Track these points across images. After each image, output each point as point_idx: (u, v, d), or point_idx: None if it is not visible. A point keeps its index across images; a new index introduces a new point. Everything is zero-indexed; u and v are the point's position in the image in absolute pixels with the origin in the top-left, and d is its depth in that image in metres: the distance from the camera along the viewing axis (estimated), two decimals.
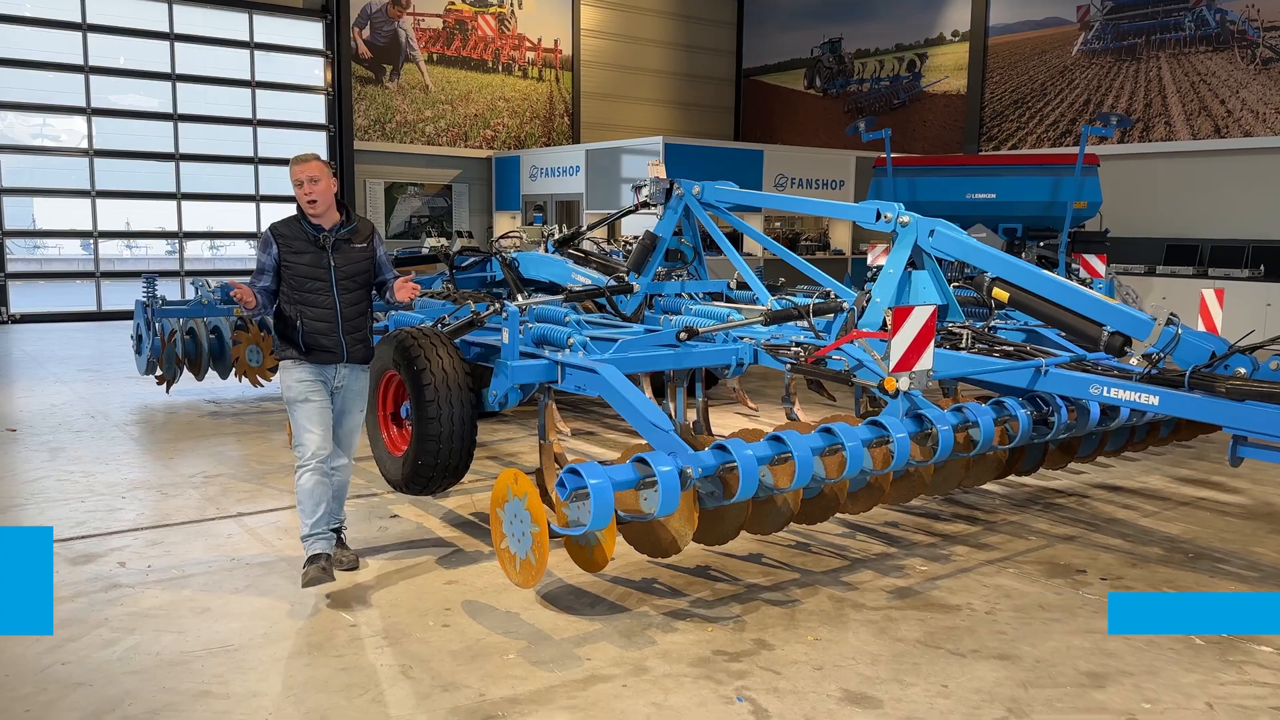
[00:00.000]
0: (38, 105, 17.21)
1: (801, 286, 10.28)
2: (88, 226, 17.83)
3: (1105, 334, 5.42)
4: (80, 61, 17.25)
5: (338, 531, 5.14)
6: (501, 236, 11.06)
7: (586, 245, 10.29)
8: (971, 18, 19.90)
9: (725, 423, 8.75)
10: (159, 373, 9.37)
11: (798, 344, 6.12)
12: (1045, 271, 5.87)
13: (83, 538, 5.58)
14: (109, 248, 19.06)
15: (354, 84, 19.68)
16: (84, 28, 17.20)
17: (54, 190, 17.92)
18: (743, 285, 9.18)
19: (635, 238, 13.67)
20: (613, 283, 8.05)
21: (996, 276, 6.09)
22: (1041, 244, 12.90)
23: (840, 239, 19.32)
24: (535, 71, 22.12)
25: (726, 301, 8.82)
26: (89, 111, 17.43)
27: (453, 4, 20.85)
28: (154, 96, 18.23)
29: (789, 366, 5.80)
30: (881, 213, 6.56)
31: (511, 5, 21.67)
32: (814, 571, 5.15)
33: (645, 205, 8.52)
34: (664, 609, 4.63)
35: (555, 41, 22.32)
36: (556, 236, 9.82)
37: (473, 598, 4.76)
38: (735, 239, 13.05)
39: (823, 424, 5.01)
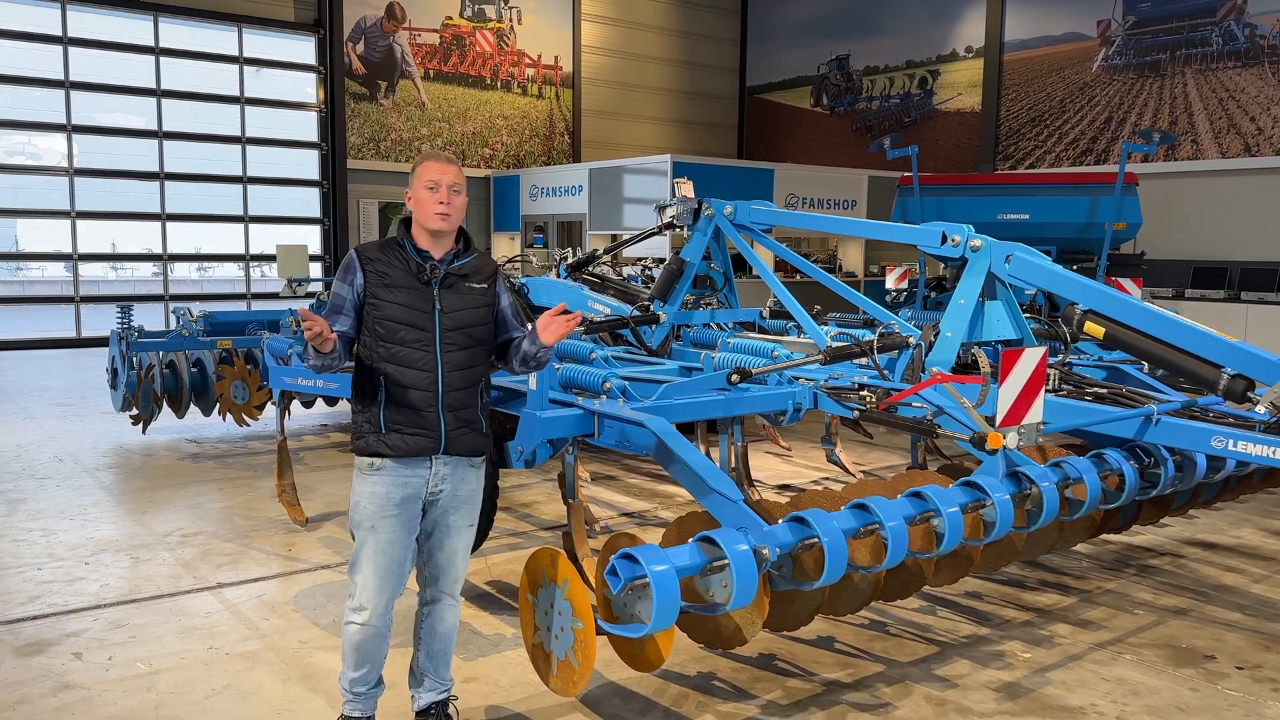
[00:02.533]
0: (14, 122, 16.40)
1: (835, 315, 9.54)
2: (68, 249, 16.99)
3: (1225, 377, 4.67)
4: (60, 76, 16.47)
5: (444, 706, 3.68)
6: (507, 261, 10.29)
7: (602, 269, 9.53)
8: (986, 33, 19.28)
9: (756, 463, 7.97)
10: (134, 412, 8.54)
11: (861, 386, 5.35)
12: (1149, 304, 5.13)
13: (34, 618, 4.76)
14: (95, 270, 18.26)
15: (347, 101, 18.92)
16: (64, 41, 16.43)
17: (33, 211, 17.10)
18: (776, 314, 8.44)
19: (642, 261, 12.93)
20: (636, 312, 7.30)
21: (1090, 309, 5.36)
22: (1075, 267, 12.19)
23: (852, 260, 18.58)
24: (535, 89, 21.42)
25: (759, 332, 8.08)
26: (69, 129, 16.64)
27: (450, 19, 20.15)
28: (138, 113, 17.44)
29: (856, 414, 5.02)
30: (948, 235, 5.84)
31: (511, 21, 20.99)
32: (900, 662, 4.36)
33: (670, 226, 7.76)
34: (731, 717, 3.83)
35: (555, 58, 21.63)
36: (569, 260, 9.06)
37: (497, 700, 3.95)
38: (738, 263, 12.26)
39: (910, 489, 4.23)
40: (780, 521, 3.82)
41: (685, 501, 7.07)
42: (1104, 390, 5.41)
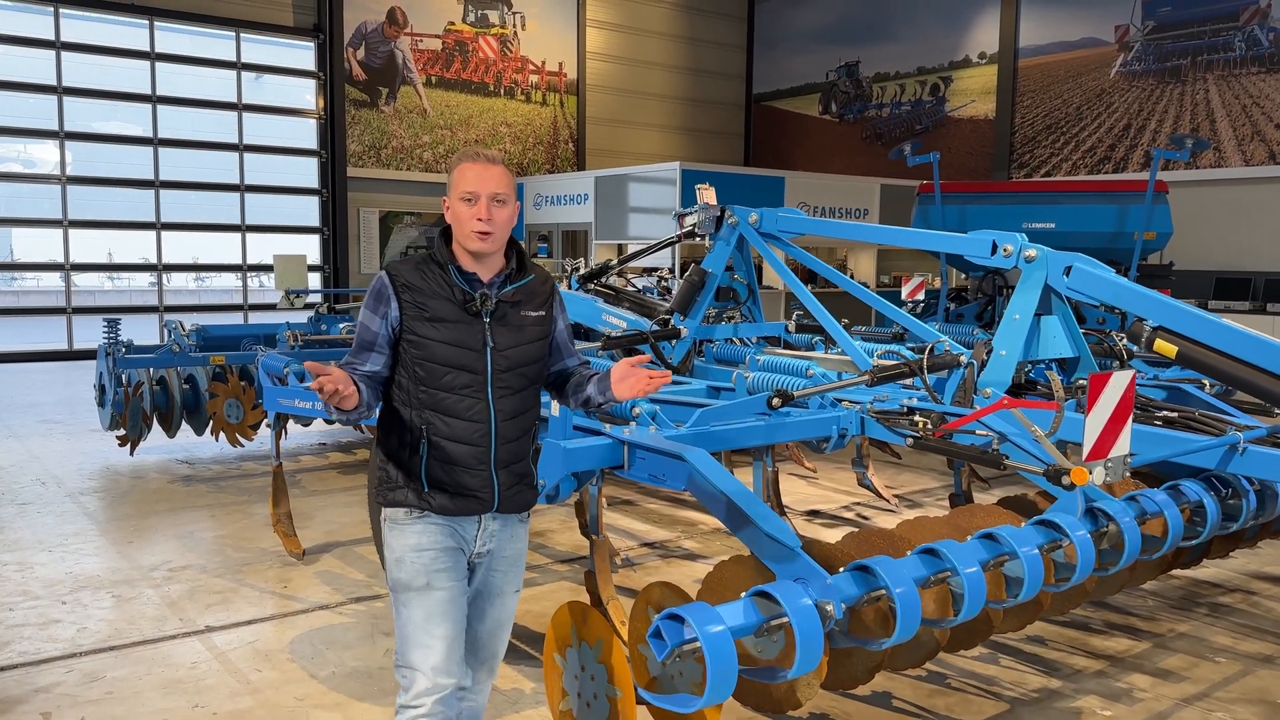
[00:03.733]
0: (5, 129, 15.95)
1: (859, 328, 9.10)
2: (57, 258, 16.53)
3: None
4: (53, 82, 16.03)
5: None
6: None
7: (614, 280, 9.07)
8: (1000, 39, 18.87)
9: (782, 487, 7.50)
10: (121, 431, 8.07)
11: (911, 409, 4.89)
12: (1224, 320, 4.68)
13: (0, 670, 4.29)
14: (91, 280, 17.80)
15: (348, 107, 18.49)
16: (57, 46, 16.00)
17: (26, 220, 16.66)
18: (803, 328, 7.99)
19: (657, 272, 12.48)
20: (655, 327, 6.85)
21: (1160, 326, 4.91)
22: None
23: (863, 270, 18.13)
24: (539, 95, 21.00)
25: (785, 347, 7.62)
26: (61, 135, 16.19)
27: (453, 25, 19.74)
28: (132, 120, 17.00)
29: (910, 442, 4.56)
30: (999, 245, 5.42)
31: (514, 27, 20.58)
32: None
33: (691, 235, 7.31)
34: None
35: (560, 65, 21.22)
36: (581, 271, 8.61)
37: None
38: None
39: (980, 529, 3.77)
40: (842, 571, 3.37)
41: (710, 529, 6.61)
42: (1174, 414, 4.96)
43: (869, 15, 21.38)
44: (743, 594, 3.18)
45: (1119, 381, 3.78)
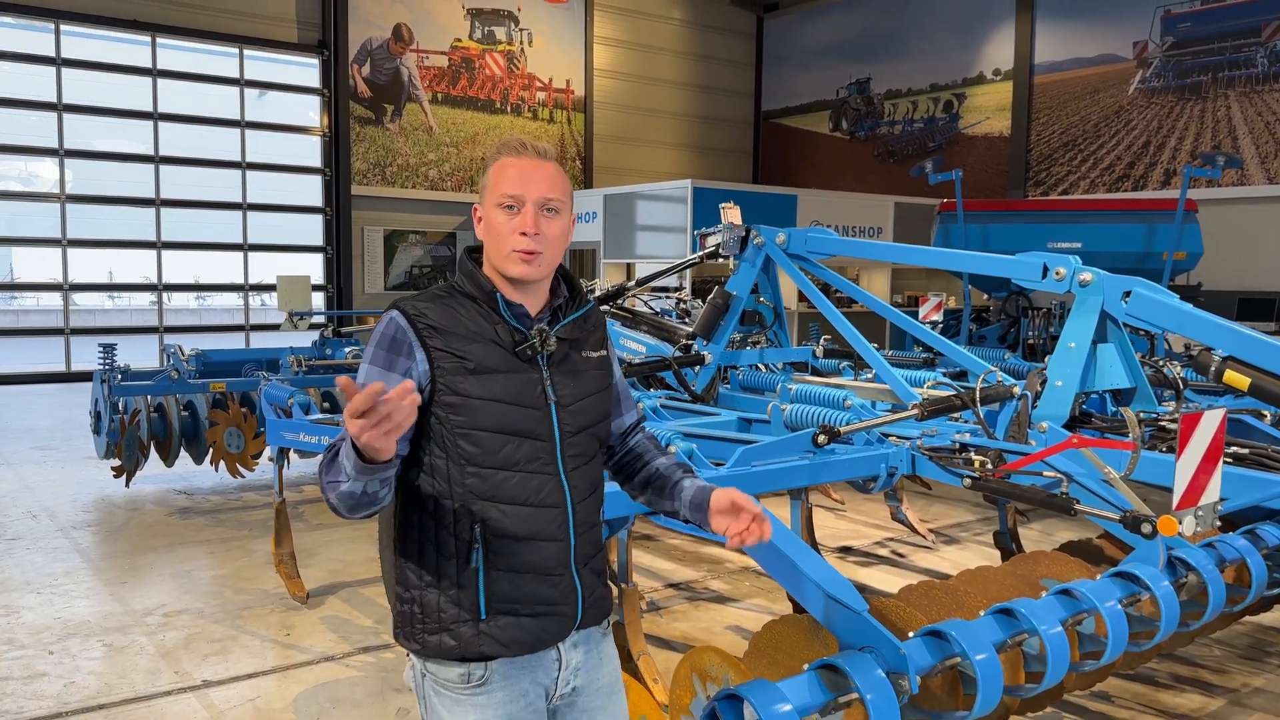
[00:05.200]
0: (2, 146, 15.66)
1: (886, 353, 8.74)
2: (57, 278, 16.23)
3: None
4: (53, 99, 15.77)
5: None
6: None
7: (630, 303, 8.74)
8: (1015, 55, 18.59)
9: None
10: (117, 462, 7.72)
11: (964, 446, 4.53)
12: None
13: None
14: (92, 300, 17.50)
15: (352, 125, 18.22)
16: (58, 63, 15.73)
17: (25, 239, 16.37)
18: (830, 353, 7.64)
19: (677, 293, 12.13)
20: (678, 352, 6.52)
21: (1230, 356, 4.58)
22: None
23: (877, 290, 17.79)
24: (546, 113, 20.73)
25: (812, 373, 7.28)
26: (61, 153, 15.91)
27: (459, 41, 19.49)
28: (133, 137, 16.72)
29: (967, 483, 4.20)
30: (1050, 268, 5.08)
31: (521, 44, 20.34)
32: None
33: (715, 255, 6.97)
34: None
35: (567, 82, 20.96)
36: (597, 293, 8.27)
37: None
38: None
39: (1057, 586, 3.42)
40: (913, 636, 3.01)
41: (738, 568, 6.25)
42: (1244, 450, 4.60)
43: (880, 31, 21.13)
44: (803, 664, 2.84)
45: (1210, 421, 3.43)
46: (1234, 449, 4.55)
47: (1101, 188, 17.29)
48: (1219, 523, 3.63)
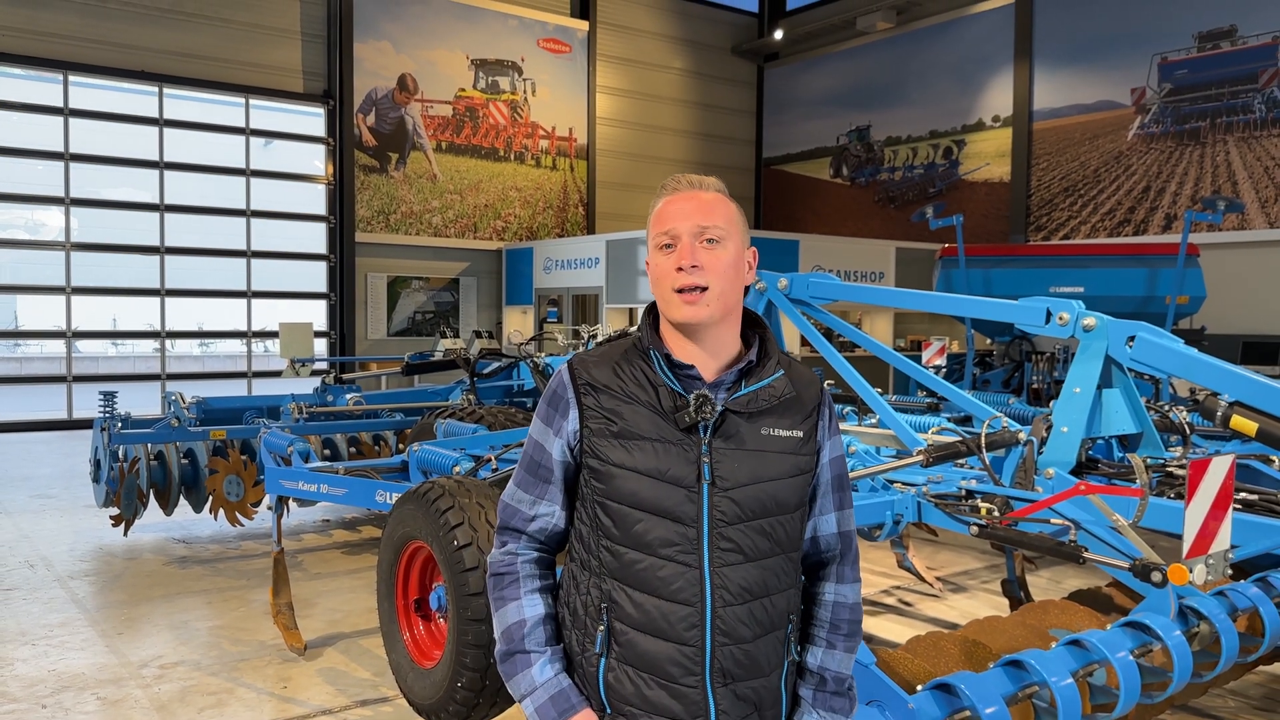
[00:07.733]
0: (10, 195, 15.79)
1: (889, 397, 8.70)
2: (62, 325, 16.27)
3: None
4: (60, 148, 15.91)
5: None
6: (532, 338, 9.49)
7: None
8: (1014, 102, 18.76)
9: None
10: (115, 511, 7.66)
11: (970, 492, 4.49)
12: None
13: None
14: (96, 347, 17.53)
15: (357, 173, 18.37)
16: (65, 112, 15.90)
17: (29, 287, 16.44)
18: (834, 399, 7.59)
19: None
20: None
21: (1236, 401, 4.54)
22: None
23: (880, 333, 17.79)
24: (549, 160, 20.90)
25: None
26: (67, 202, 16.03)
27: (463, 91, 19.70)
28: (139, 185, 16.85)
29: (975, 530, 4.15)
30: (1054, 313, 5.05)
31: (524, 93, 20.55)
32: None
33: None
34: None
35: (570, 130, 21.15)
36: (599, 338, 8.28)
37: None
38: None
39: (1067, 636, 3.35)
40: (921, 690, 2.95)
41: None
42: (1253, 496, 4.55)
43: (880, 79, 21.35)
44: None
45: (1219, 467, 3.38)
46: (1243, 495, 4.50)
47: (1102, 232, 17.35)
48: (1230, 571, 3.57)
